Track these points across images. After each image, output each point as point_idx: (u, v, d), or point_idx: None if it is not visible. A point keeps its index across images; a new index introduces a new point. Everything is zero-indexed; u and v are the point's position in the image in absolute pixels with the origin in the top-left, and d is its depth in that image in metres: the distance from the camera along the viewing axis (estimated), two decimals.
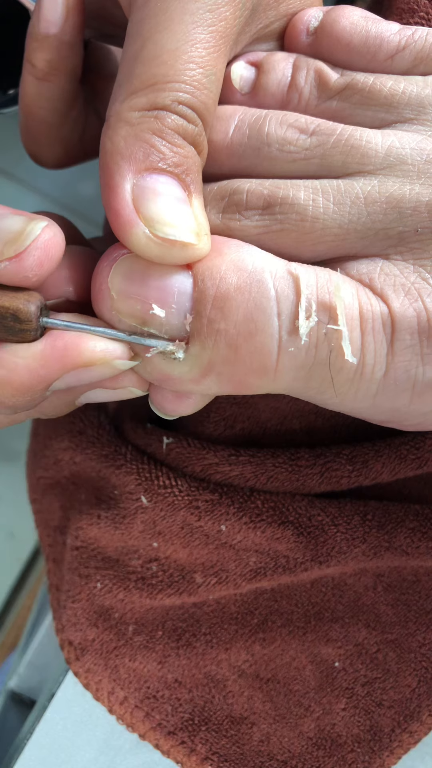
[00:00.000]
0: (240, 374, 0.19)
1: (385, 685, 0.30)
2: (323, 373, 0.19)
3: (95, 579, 0.30)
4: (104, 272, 0.19)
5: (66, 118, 0.25)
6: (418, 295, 0.19)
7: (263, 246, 0.20)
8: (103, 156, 0.19)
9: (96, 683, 0.30)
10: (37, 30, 0.23)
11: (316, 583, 0.30)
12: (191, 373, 0.19)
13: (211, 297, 0.19)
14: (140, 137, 0.18)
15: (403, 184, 0.19)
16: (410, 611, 0.30)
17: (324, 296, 0.19)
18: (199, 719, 0.30)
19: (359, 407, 0.20)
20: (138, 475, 0.28)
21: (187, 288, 0.19)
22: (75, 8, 0.23)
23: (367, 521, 0.27)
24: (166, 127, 0.19)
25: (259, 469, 0.27)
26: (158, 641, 0.30)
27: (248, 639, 0.30)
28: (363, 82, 0.21)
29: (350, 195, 0.19)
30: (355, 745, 0.29)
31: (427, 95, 0.20)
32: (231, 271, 0.19)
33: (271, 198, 0.20)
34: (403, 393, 0.19)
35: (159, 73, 0.19)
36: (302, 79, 0.22)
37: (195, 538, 0.28)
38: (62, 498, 0.32)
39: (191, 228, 0.19)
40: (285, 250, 0.20)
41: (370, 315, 0.19)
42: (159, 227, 0.18)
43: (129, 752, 0.31)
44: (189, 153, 0.19)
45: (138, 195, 0.18)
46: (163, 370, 0.20)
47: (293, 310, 0.19)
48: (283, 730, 0.30)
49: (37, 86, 0.24)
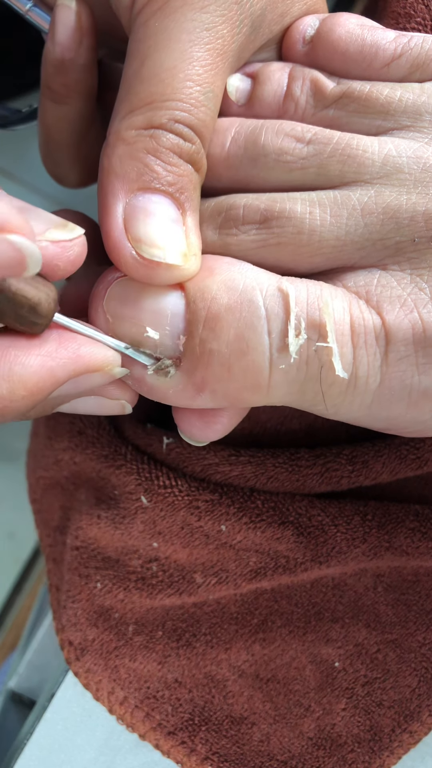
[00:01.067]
0: (234, 391, 0.19)
1: (385, 685, 0.30)
2: (315, 387, 0.19)
3: (95, 579, 0.30)
4: (100, 295, 0.20)
5: (86, 138, 0.26)
6: (414, 306, 0.19)
7: (261, 260, 0.20)
8: (100, 174, 0.19)
9: (96, 683, 0.30)
10: (53, 55, 0.23)
11: (316, 584, 0.30)
12: (186, 391, 0.20)
13: (203, 318, 0.19)
14: (135, 156, 0.19)
15: (400, 194, 0.19)
16: (410, 611, 0.30)
17: (313, 313, 0.19)
18: (199, 719, 0.30)
19: (355, 417, 0.20)
20: (138, 475, 0.28)
21: (180, 309, 0.19)
22: (88, 31, 0.23)
23: (367, 521, 0.27)
24: (161, 146, 0.19)
25: (259, 469, 0.27)
26: (158, 641, 0.30)
27: (248, 639, 0.30)
28: (359, 90, 0.21)
29: (347, 206, 0.19)
30: (355, 745, 0.29)
31: (424, 102, 0.20)
32: (222, 291, 0.19)
33: (268, 212, 0.20)
34: (399, 402, 0.19)
35: (156, 92, 0.19)
36: (298, 89, 0.22)
37: (195, 538, 0.28)
38: (62, 498, 0.32)
39: (179, 249, 0.19)
40: (282, 263, 0.20)
41: (362, 329, 0.19)
42: (145, 248, 0.19)
43: (129, 752, 0.31)
44: (184, 171, 0.19)
45: (129, 215, 0.19)
46: (158, 387, 0.20)
47: (283, 327, 0.19)
48: (283, 730, 0.30)
49: (56, 110, 0.24)
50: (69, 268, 0.18)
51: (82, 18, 0.22)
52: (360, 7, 0.31)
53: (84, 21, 0.22)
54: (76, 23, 0.22)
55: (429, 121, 0.20)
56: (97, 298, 0.20)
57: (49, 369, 0.18)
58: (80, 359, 0.19)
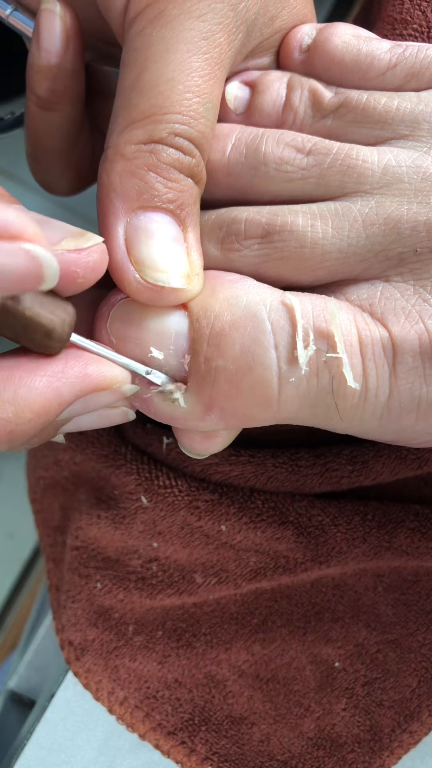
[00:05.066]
0: (243, 408, 0.19)
1: (386, 685, 0.30)
2: (327, 400, 0.19)
3: (95, 579, 0.30)
4: (103, 317, 0.20)
5: (75, 144, 0.25)
6: (419, 317, 0.19)
7: (263, 274, 0.20)
8: (99, 190, 0.19)
9: (96, 683, 0.30)
10: (38, 61, 0.22)
11: (316, 584, 0.30)
12: (194, 412, 0.19)
13: (207, 336, 0.19)
14: (135, 173, 0.18)
15: (401, 204, 0.19)
16: (410, 611, 0.30)
17: (321, 324, 0.19)
18: (199, 719, 0.30)
19: (365, 429, 0.20)
20: (138, 475, 0.28)
21: (183, 329, 0.19)
22: (74, 35, 0.22)
23: (368, 521, 0.27)
24: (162, 162, 0.19)
25: (259, 469, 0.27)
26: (158, 641, 0.30)
27: (248, 639, 0.30)
28: (357, 99, 0.21)
29: (348, 218, 0.19)
30: (355, 745, 0.29)
31: (421, 111, 0.20)
32: (225, 308, 0.19)
33: (270, 226, 0.20)
34: (409, 414, 0.19)
35: (156, 104, 0.19)
36: (297, 99, 0.22)
37: (195, 538, 0.28)
38: (62, 498, 0.32)
39: (182, 271, 0.19)
40: (285, 277, 0.20)
41: (369, 340, 0.19)
42: (149, 272, 0.18)
43: (129, 752, 0.31)
44: (185, 187, 0.19)
45: (131, 236, 0.19)
46: (165, 411, 0.20)
47: (290, 340, 0.19)
48: (283, 730, 0.30)
49: (44, 117, 0.24)
50: (89, 276, 0.18)
51: (68, 22, 0.22)
52: (354, 13, 0.31)
53: (69, 25, 0.22)
54: (61, 27, 0.22)
55: (427, 129, 0.20)
56: (101, 320, 0.20)
57: (56, 390, 0.18)
58: (88, 378, 0.18)
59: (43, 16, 0.22)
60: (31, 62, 0.23)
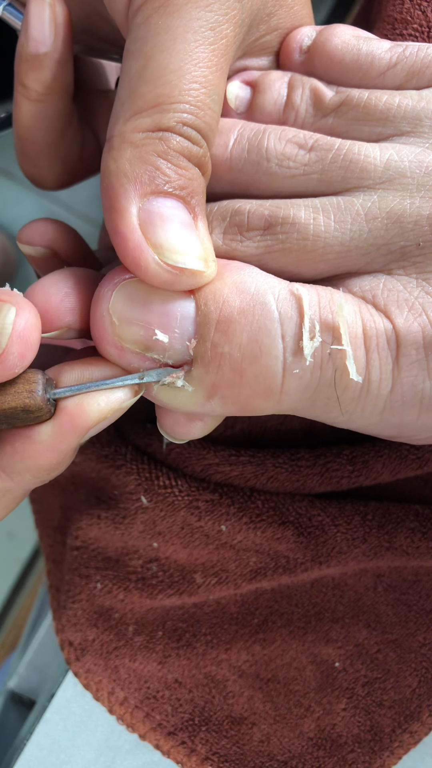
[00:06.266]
0: (245, 397, 0.19)
1: (386, 686, 0.30)
2: (329, 392, 0.19)
3: (95, 579, 0.30)
4: (105, 298, 0.19)
5: (64, 137, 0.25)
6: (422, 309, 0.19)
7: (265, 266, 0.20)
8: (107, 177, 0.19)
9: (96, 683, 0.30)
10: (27, 50, 0.22)
11: (316, 584, 0.30)
12: (195, 397, 0.19)
13: (215, 321, 0.19)
14: (145, 159, 0.18)
15: (403, 198, 0.19)
16: (410, 611, 0.30)
17: (327, 316, 0.18)
18: (200, 719, 0.30)
19: (367, 424, 0.20)
20: (138, 475, 0.28)
21: (190, 312, 0.19)
22: (63, 25, 0.22)
23: (368, 521, 0.27)
24: (171, 149, 0.18)
25: (259, 469, 0.27)
26: (158, 641, 0.30)
27: (248, 639, 0.30)
28: (358, 98, 0.21)
29: (351, 212, 0.19)
30: (355, 746, 0.29)
31: (423, 108, 0.20)
32: (234, 294, 0.19)
33: (272, 218, 0.20)
34: (411, 408, 0.19)
35: (163, 94, 0.18)
36: (298, 98, 0.22)
37: (195, 538, 0.28)
38: (62, 498, 0.32)
39: (199, 254, 0.19)
40: (287, 269, 0.20)
41: (374, 332, 0.18)
42: (168, 254, 0.18)
43: (129, 753, 0.31)
44: (194, 175, 0.19)
45: (145, 220, 0.18)
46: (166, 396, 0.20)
47: (297, 331, 0.18)
48: (284, 731, 0.30)
49: (32, 108, 0.24)
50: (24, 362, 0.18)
51: (57, 11, 0.22)
52: (354, 13, 0.31)
53: (59, 14, 0.22)
54: (50, 16, 0.22)
55: (429, 126, 0.20)
56: (102, 300, 0.19)
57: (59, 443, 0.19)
58: (78, 424, 0.19)
59: (33, 4, 0.22)
60: (19, 52, 0.23)
